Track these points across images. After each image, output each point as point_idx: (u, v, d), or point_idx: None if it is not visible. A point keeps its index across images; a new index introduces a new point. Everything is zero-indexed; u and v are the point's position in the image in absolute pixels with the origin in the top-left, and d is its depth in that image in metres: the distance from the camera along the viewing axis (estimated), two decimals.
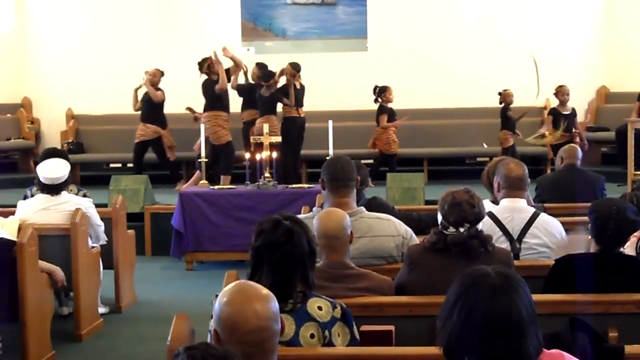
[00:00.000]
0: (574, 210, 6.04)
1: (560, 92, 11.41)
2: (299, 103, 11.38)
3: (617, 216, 3.88)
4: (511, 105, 11.61)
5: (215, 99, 10.95)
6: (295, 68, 11.33)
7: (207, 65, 11.05)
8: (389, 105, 11.95)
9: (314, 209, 4.72)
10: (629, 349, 3.07)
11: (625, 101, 12.31)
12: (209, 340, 2.98)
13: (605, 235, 3.90)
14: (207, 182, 9.49)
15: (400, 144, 12.33)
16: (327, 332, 3.13)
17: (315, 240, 3.32)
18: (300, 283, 3.18)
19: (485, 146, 12.19)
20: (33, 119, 13.87)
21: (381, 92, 11.87)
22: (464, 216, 3.82)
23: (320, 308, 3.17)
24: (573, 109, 11.35)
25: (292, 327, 3.09)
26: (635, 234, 4.14)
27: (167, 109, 11.82)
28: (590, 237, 4.04)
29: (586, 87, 13.16)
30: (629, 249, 4.17)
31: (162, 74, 11.54)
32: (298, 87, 11.40)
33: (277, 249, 3.15)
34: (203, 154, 9.68)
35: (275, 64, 11.60)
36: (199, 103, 11.58)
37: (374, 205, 5.17)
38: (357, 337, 3.24)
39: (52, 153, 7.07)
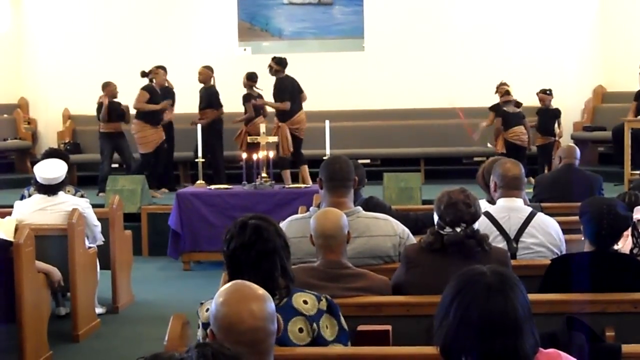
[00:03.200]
0: (572, 209, 6.04)
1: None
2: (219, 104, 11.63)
3: (609, 214, 3.88)
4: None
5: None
6: (210, 69, 11.63)
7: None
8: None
9: (311, 208, 4.71)
10: (626, 348, 3.07)
11: (622, 101, 12.33)
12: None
13: (600, 235, 3.90)
14: (204, 182, 9.48)
15: (396, 143, 12.34)
16: (315, 325, 3.15)
17: (284, 233, 3.33)
18: (281, 278, 3.19)
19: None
20: (30, 119, 13.86)
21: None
22: (460, 216, 3.82)
23: (305, 302, 3.18)
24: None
25: (281, 324, 3.09)
26: (626, 232, 4.14)
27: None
28: (583, 238, 4.04)
29: (583, 86, 13.18)
30: (622, 243, 4.18)
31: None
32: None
33: (250, 249, 3.17)
34: (200, 154, 9.68)
35: None
36: (194, 102, 11.60)
37: (371, 205, 5.17)
38: (345, 327, 3.25)
39: (53, 153, 7.07)
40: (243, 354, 2.09)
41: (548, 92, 11.70)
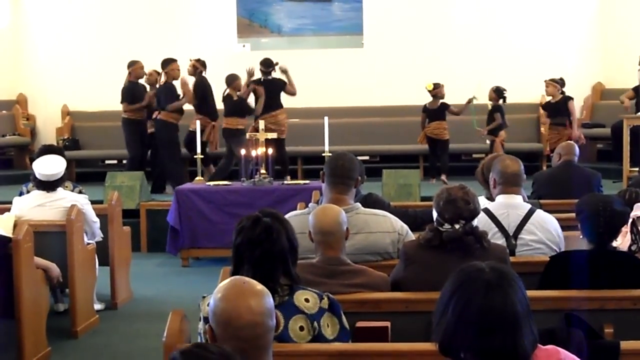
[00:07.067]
0: (571, 206, 6.03)
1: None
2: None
3: (605, 212, 3.88)
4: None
5: None
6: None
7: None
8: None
9: (310, 205, 4.71)
10: (625, 345, 3.08)
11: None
12: (199, 340, 3.00)
13: (597, 233, 3.90)
14: (202, 178, 9.47)
15: (395, 140, 12.35)
16: (316, 324, 3.14)
17: (295, 235, 3.31)
18: (283, 277, 3.19)
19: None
20: (28, 115, 13.86)
21: None
22: (459, 213, 3.82)
23: (307, 300, 3.18)
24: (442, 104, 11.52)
25: (281, 321, 3.10)
26: (625, 228, 4.13)
27: None
28: (581, 236, 4.03)
29: (582, 83, 13.16)
30: (620, 239, 4.17)
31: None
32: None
33: (256, 247, 3.17)
34: (199, 150, 9.66)
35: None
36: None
37: (370, 201, 5.17)
38: (347, 326, 3.25)
39: (49, 150, 7.06)
40: (231, 352, 2.09)
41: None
